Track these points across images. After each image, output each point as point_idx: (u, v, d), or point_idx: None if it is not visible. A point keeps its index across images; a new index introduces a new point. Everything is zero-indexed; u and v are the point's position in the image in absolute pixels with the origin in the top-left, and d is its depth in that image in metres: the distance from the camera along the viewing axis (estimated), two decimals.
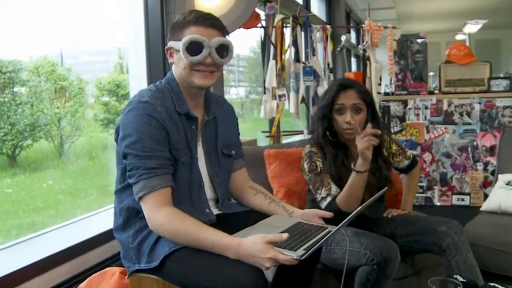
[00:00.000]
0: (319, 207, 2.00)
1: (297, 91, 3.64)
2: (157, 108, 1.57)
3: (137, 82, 2.75)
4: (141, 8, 2.73)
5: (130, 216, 1.66)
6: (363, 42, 3.77)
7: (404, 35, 4.02)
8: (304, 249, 1.43)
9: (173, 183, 1.57)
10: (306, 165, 2.16)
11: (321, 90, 3.72)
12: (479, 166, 3.88)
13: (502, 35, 11.35)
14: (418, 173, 2.44)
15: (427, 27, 10.18)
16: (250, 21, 3.06)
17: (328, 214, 1.76)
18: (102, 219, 2.57)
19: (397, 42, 3.96)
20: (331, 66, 3.79)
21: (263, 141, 3.88)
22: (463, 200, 3.93)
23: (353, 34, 5.88)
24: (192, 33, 1.58)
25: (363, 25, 3.73)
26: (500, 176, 2.70)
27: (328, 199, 2.04)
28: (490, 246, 2.11)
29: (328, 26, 3.68)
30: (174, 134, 1.59)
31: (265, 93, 3.52)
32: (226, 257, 1.44)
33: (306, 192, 2.33)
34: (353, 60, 8.79)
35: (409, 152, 2.37)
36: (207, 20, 1.60)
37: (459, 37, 9.41)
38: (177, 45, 1.61)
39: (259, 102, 4.25)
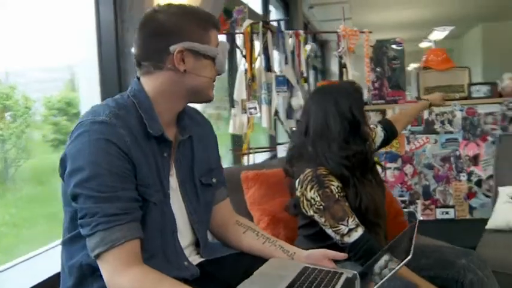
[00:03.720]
0: (323, 245, 1.63)
1: (269, 103, 3.35)
2: (119, 131, 1.18)
3: (89, 100, 2.39)
4: (93, 20, 2.37)
5: (85, 276, 1.25)
6: (339, 48, 3.52)
7: (380, 41, 3.79)
8: None
9: (142, 233, 1.19)
10: (313, 194, 1.72)
11: (295, 102, 3.45)
12: (463, 177, 3.67)
13: (454, 44, 11.46)
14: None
15: (385, 37, 10.20)
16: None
17: (342, 256, 1.43)
18: (52, 257, 2.16)
19: (373, 49, 3.74)
20: (305, 75, 3.51)
21: (225, 160, 3.57)
22: (447, 213, 3.71)
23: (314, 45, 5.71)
24: (216, 38, 1.30)
25: (338, 30, 3.48)
26: (500, 189, 2.48)
27: (360, 231, 1.68)
28: (506, 271, 1.85)
29: (302, 32, 3.40)
30: (142, 164, 1.22)
31: (233, 106, 3.22)
32: None
33: (299, 228, 1.98)
34: (311, 72, 8.62)
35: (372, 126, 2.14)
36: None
37: (423, 45, 9.39)
38: (207, 49, 1.28)
39: (218, 117, 3.96)
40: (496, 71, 3.61)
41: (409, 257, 1.12)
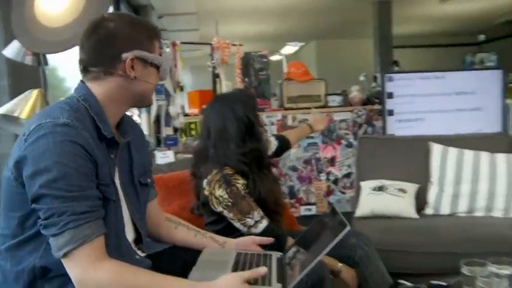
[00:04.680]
0: (229, 235, 1.83)
1: (148, 111, 3.41)
2: (82, 133, 1.22)
3: None
4: None
5: (35, 279, 1.26)
6: (212, 59, 3.72)
7: (247, 53, 4.09)
8: (278, 283, 1.31)
9: (106, 230, 1.25)
10: (222, 192, 1.91)
11: (172, 110, 3.56)
12: (323, 177, 4.14)
13: (293, 58, 12.47)
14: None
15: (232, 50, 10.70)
16: None
17: (268, 240, 1.63)
18: None
19: (242, 61, 4.01)
20: (181, 84, 3.63)
21: None
22: (310, 210, 4.14)
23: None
24: (158, 47, 1.37)
25: (212, 42, 3.67)
26: (362, 184, 2.88)
27: (265, 222, 1.88)
28: (385, 248, 2.21)
29: (178, 42, 3.52)
30: (102, 165, 1.27)
31: None
32: None
33: (206, 225, 2.12)
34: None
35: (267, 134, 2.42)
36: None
37: (274, 58, 9.99)
38: (154, 58, 1.36)
39: None
40: (329, 83, 4.16)
41: (347, 228, 1.36)
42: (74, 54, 1.53)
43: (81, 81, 1.37)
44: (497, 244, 2.23)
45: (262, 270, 1.28)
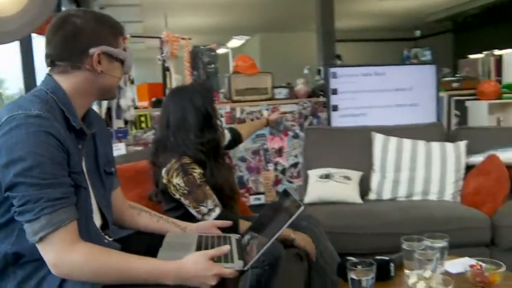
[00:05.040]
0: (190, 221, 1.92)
1: (99, 104, 3.42)
2: (54, 124, 1.28)
3: None
4: None
5: (7, 266, 1.33)
6: (162, 53, 3.76)
7: (195, 47, 4.15)
8: (239, 260, 1.42)
9: (78, 215, 1.32)
10: (179, 180, 2.00)
11: (123, 102, 3.57)
12: (271, 167, 4.28)
13: (238, 51, 12.56)
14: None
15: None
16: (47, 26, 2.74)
17: (227, 223, 1.75)
18: None
19: (190, 54, 4.07)
20: (131, 77, 3.65)
21: None
22: (259, 199, 4.27)
23: None
24: (122, 43, 1.45)
25: (162, 36, 3.71)
26: (309, 172, 3.03)
27: (217, 210, 1.98)
28: (333, 231, 2.37)
29: (129, 35, 3.53)
30: (73, 154, 1.34)
31: None
32: (163, 286, 1.30)
33: (166, 212, 2.20)
34: None
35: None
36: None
37: (220, 51, 10.00)
38: (119, 53, 1.43)
39: None
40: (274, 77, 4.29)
41: (302, 207, 1.49)
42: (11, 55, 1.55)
43: (48, 74, 1.42)
44: (432, 224, 2.43)
45: (226, 248, 1.39)
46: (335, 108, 3.97)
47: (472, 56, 4.85)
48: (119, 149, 3.36)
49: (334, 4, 8.61)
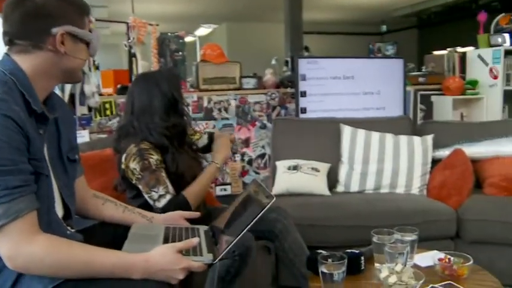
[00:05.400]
0: (150, 209, 1.87)
1: (62, 89, 3.29)
2: (13, 107, 1.19)
3: None
4: None
5: None
6: (128, 38, 3.65)
7: (163, 34, 4.05)
8: (208, 253, 1.38)
9: (38, 204, 1.23)
10: (135, 165, 1.96)
11: (87, 89, 3.46)
12: (238, 157, 4.23)
13: (204, 40, 12.42)
14: None
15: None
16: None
17: (196, 214, 1.70)
18: None
19: (157, 41, 3.97)
20: (96, 62, 3.54)
21: None
22: (225, 190, 4.23)
23: None
24: (88, 24, 1.37)
25: (128, 21, 3.60)
26: (277, 163, 3.00)
27: (168, 197, 1.94)
28: (302, 223, 2.35)
29: (93, 18, 3.41)
30: (34, 139, 1.25)
31: None
32: (128, 280, 1.24)
33: (130, 199, 2.14)
34: None
35: (202, 129, 2.46)
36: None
37: (188, 39, 9.81)
38: (85, 34, 1.34)
39: None
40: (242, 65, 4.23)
41: (273, 199, 1.44)
42: None
43: (6, 53, 1.32)
44: (400, 217, 2.45)
45: (195, 240, 1.35)
46: (303, 94, 3.93)
47: (436, 52, 4.91)
48: (83, 136, 3.27)
49: None
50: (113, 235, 1.55)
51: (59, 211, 1.43)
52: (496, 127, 3.10)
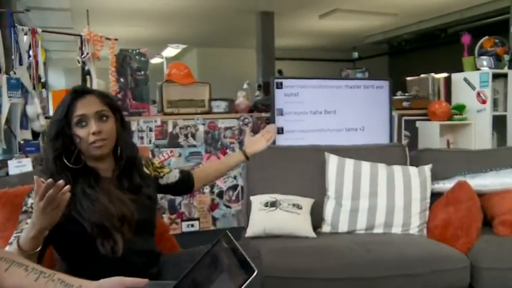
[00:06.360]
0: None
1: None
2: None
3: None
4: None
5: None
6: (82, 54, 3.20)
7: (123, 50, 3.61)
8: None
9: None
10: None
11: (30, 110, 2.98)
12: (206, 189, 3.77)
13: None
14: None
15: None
16: None
17: (142, 282, 1.21)
18: None
19: (116, 58, 3.53)
20: (43, 79, 3.06)
21: None
22: (192, 225, 3.75)
23: None
24: None
25: (82, 34, 3.16)
26: (252, 198, 2.56)
27: (14, 244, 1.38)
28: (281, 276, 1.92)
29: (40, 30, 2.95)
30: None
31: None
32: None
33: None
34: None
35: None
36: None
37: (154, 60, 9.37)
38: None
39: None
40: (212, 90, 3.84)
41: (254, 273, 0.99)
42: None
43: None
44: (403, 266, 2.03)
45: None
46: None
47: (423, 75, 4.62)
48: (23, 165, 2.77)
49: (275, 21, 8.40)
50: None
51: None
52: (500, 156, 2.74)
